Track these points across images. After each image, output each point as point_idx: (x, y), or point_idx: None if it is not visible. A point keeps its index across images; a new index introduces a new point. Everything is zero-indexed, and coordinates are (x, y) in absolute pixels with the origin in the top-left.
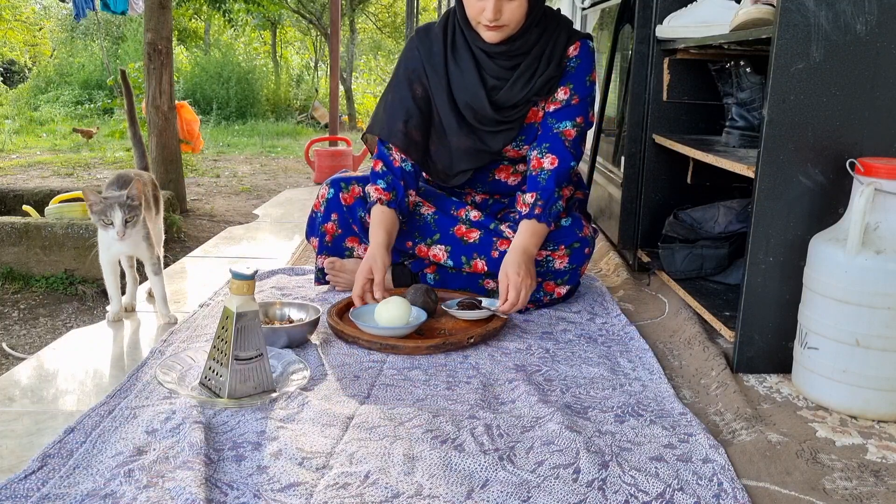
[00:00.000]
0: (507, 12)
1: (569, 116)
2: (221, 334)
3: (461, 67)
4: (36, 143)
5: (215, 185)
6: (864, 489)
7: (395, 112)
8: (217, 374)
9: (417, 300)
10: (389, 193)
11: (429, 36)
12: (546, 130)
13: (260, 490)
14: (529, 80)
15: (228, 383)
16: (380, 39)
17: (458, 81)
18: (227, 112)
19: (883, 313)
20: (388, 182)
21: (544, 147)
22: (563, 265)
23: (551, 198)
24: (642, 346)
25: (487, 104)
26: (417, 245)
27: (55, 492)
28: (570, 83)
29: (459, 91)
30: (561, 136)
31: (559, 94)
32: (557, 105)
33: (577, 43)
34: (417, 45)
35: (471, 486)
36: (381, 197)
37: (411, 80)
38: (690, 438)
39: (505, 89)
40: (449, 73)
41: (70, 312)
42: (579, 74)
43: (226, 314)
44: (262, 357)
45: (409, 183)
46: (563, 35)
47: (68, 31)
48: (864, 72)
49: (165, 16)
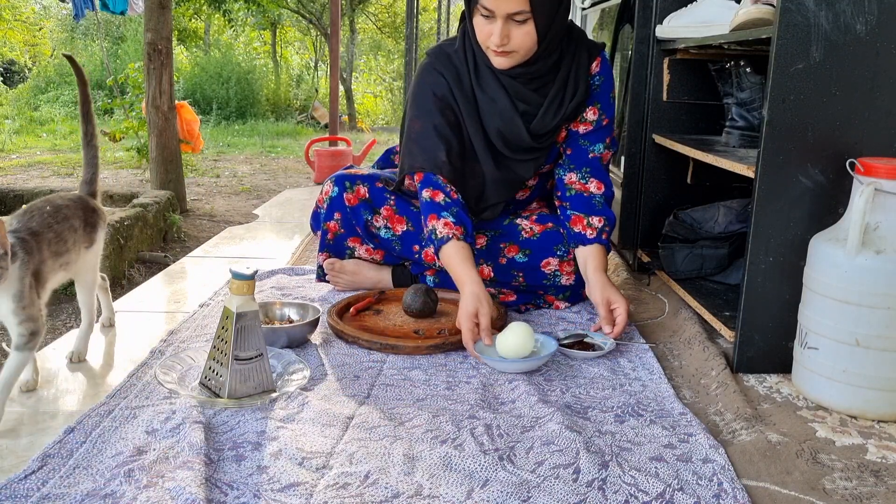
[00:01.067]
0: (515, 39)
1: (601, 139)
2: (221, 334)
3: (489, 94)
4: (36, 143)
5: (215, 185)
6: (864, 489)
7: (435, 142)
8: (217, 374)
9: (417, 300)
10: (460, 228)
11: (451, 61)
12: (580, 152)
13: (260, 490)
14: (560, 106)
15: (228, 383)
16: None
17: (488, 108)
18: (227, 112)
19: (883, 313)
20: (454, 215)
21: (585, 171)
22: (568, 282)
23: (612, 222)
24: (642, 346)
25: (525, 132)
26: (424, 248)
27: (55, 492)
28: (597, 102)
29: (491, 118)
30: (599, 160)
31: (588, 114)
32: (588, 126)
33: (598, 59)
34: (442, 71)
35: (471, 486)
36: (454, 233)
37: (442, 107)
38: (690, 438)
39: (538, 117)
40: (477, 100)
41: (70, 312)
42: (604, 93)
43: (226, 314)
44: (262, 357)
45: (468, 219)
46: (583, 54)
47: (68, 31)
48: (864, 72)
49: (165, 16)
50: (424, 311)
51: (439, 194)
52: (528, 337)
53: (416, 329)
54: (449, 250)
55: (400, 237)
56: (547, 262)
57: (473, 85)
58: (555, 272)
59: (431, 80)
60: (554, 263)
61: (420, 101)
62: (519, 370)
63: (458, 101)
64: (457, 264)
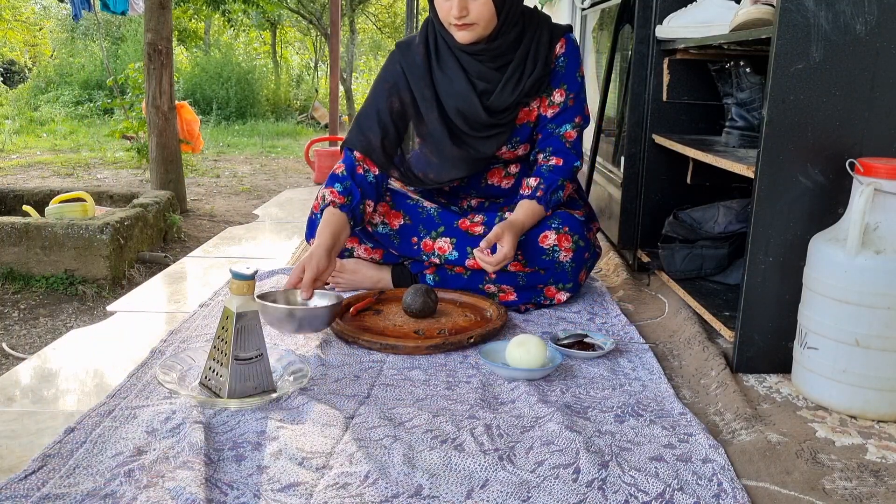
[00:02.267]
0: (473, 10)
1: (568, 119)
2: (221, 334)
3: (448, 74)
4: (36, 143)
5: (215, 185)
6: (864, 489)
7: (372, 126)
8: (217, 374)
9: (417, 300)
10: (344, 197)
11: (410, 48)
12: (546, 135)
13: (260, 490)
14: (518, 82)
15: (228, 383)
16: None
17: (446, 88)
18: (227, 112)
19: (883, 313)
20: (345, 186)
21: (548, 150)
22: (566, 258)
23: (553, 184)
24: (642, 345)
25: (481, 109)
26: (423, 239)
27: (55, 492)
28: (563, 83)
29: (449, 98)
30: (562, 139)
31: (555, 96)
32: (556, 109)
33: (563, 40)
34: (399, 59)
35: (471, 486)
36: (334, 199)
37: (390, 93)
38: (690, 438)
39: (496, 93)
40: (435, 81)
41: (70, 312)
42: (570, 72)
43: (226, 314)
44: (262, 357)
45: (368, 192)
46: (545, 33)
47: (68, 31)
48: (864, 72)
49: (165, 16)
50: (424, 311)
51: (341, 168)
52: (541, 353)
53: (416, 329)
54: (324, 214)
55: (398, 231)
56: (545, 236)
57: (433, 68)
58: (553, 247)
59: (388, 68)
60: (552, 237)
61: (374, 88)
62: (522, 378)
63: (412, 86)
64: (321, 227)
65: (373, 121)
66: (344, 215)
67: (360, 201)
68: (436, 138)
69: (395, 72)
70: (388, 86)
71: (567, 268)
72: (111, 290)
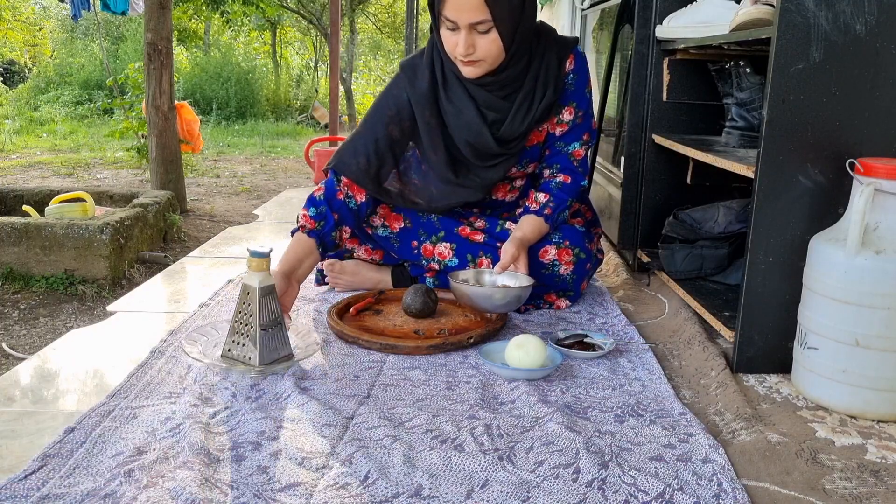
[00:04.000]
0: (481, 48)
1: (577, 137)
2: (243, 308)
3: (456, 105)
4: (36, 143)
5: (215, 185)
6: (864, 489)
7: (369, 154)
8: (242, 346)
9: (417, 301)
10: (315, 223)
11: (416, 74)
12: (554, 152)
13: (260, 490)
14: (529, 110)
15: (259, 351)
16: (380, 39)
17: (454, 120)
18: (227, 112)
19: (882, 313)
20: (319, 212)
21: (556, 167)
22: (567, 272)
23: (562, 205)
24: (642, 346)
25: (492, 141)
26: (423, 244)
27: (55, 492)
28: (572, 101)
29: (458, 129)
30: (570, 157)
31: (564, 115)
32: (564, 128)
33: (571, 56)
34: (406, 87)
35: (471, 486)
36: (304, 224)
37: (391, 121)
38: (690, 438)
39: (507, 123)
40: (443, 111)
41: (70, 312)
42: (579, 89)
43: (245, 290)
44: (281, 326)
45: (345, 218)
46: (553, 55)
47: (68, 31)
48: (864, 72)
49: (165, 16)
50: (424, 311)
51: (320, 191)
52: (541, 353)
53: (416, 329)
54: (293, 237)
55: (398, 234)
56: (545, 251)
57: (441, 97)
58: (553, 261)
59: (392, 95)
60: (552, 252)
61: (374, 112)
62: (522, 378)
63: (417, 115)
64: (287, 250)
65: (370, 149)
66: (312, 241)
67: (332, 228)
68: (435, 167)
69: (400, 100)
70: (391, 114)
71: (568, 280)
72: (111, 290)
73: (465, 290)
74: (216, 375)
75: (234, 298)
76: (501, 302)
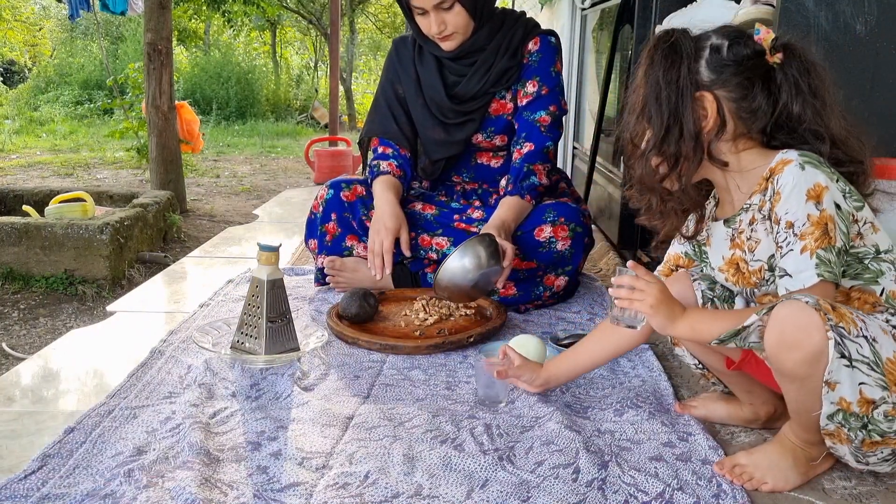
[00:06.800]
0: (450, 22)
1: (542, 106)
2: (252, 301)
3: (426, 69)
4: (36, 143)
5: (215, 185)
6: (864, 489)
7: (386, 114)
8: (250, 337)
9: (353, 304)
10: (400, 171)
11: (404, 44)
12: (522, 122)
13: (260, 490)
14: (486, 73)
15: (265, 343)
16: (380, 39)
17: (425, 80)
18: (227, 112)
19: None
20: (399, 162)
21: (522, 137)
22: (564, 247)
23: (520, 173)
24: (642, 345)
25: (445, 96)
26: (420, 236)
27: (55, 492)
28: (536, 76)
29: (427, 89)
30: (536, 123)
31: (528, 87)
32: (529, 98)
33: (537, 38)
34: (394, 54)
35: (470, 485)
36: (392, 171)
37: (393, 82)
38: (690, 438)
39: (462, 83)
40: (419, 74)
41: (70, 312)
42: (543, 66)
43: (255, 283)
44: (289, 321)
45: (409, 171)
46: (519, 31)
47: (68, 31)
48: (864, 72)
49: (165, 16)
50: (360, 316)
51: (388, 149)
52: (541, 353)
53: (416, 329)
54: (383, 178)
55: None
56: (540, 230)
57: (416, 63)
58: (550, 238)
59: (388, 63)
60: (547, 230)
61: (381, 80)
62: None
63: (402, 78)
64: (382, 190)
65: (385, 110)
66: (400, 184)
67: (411, 177)
68: (421, 122)
69: (393, 65)
70: (391, 76)
71: (567, 254)
72: (111, 290)
73: (441, 274)
74: (216, 375)
75: (234, 298)
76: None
